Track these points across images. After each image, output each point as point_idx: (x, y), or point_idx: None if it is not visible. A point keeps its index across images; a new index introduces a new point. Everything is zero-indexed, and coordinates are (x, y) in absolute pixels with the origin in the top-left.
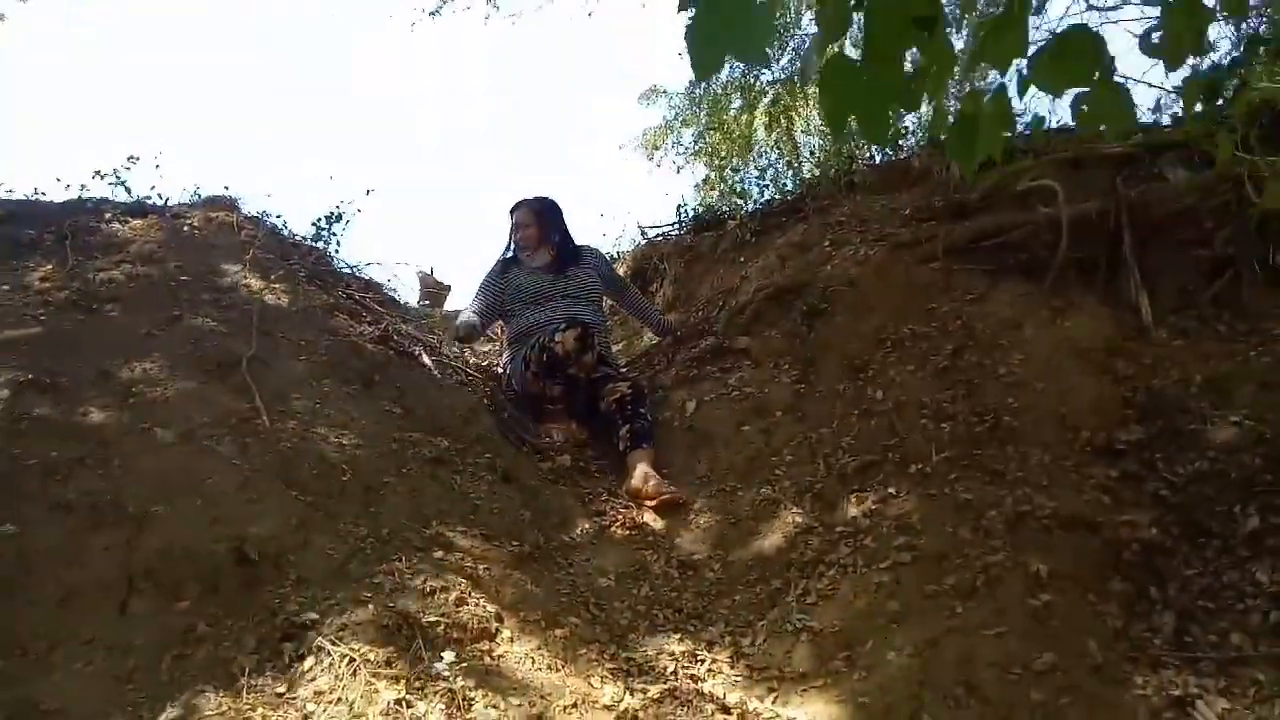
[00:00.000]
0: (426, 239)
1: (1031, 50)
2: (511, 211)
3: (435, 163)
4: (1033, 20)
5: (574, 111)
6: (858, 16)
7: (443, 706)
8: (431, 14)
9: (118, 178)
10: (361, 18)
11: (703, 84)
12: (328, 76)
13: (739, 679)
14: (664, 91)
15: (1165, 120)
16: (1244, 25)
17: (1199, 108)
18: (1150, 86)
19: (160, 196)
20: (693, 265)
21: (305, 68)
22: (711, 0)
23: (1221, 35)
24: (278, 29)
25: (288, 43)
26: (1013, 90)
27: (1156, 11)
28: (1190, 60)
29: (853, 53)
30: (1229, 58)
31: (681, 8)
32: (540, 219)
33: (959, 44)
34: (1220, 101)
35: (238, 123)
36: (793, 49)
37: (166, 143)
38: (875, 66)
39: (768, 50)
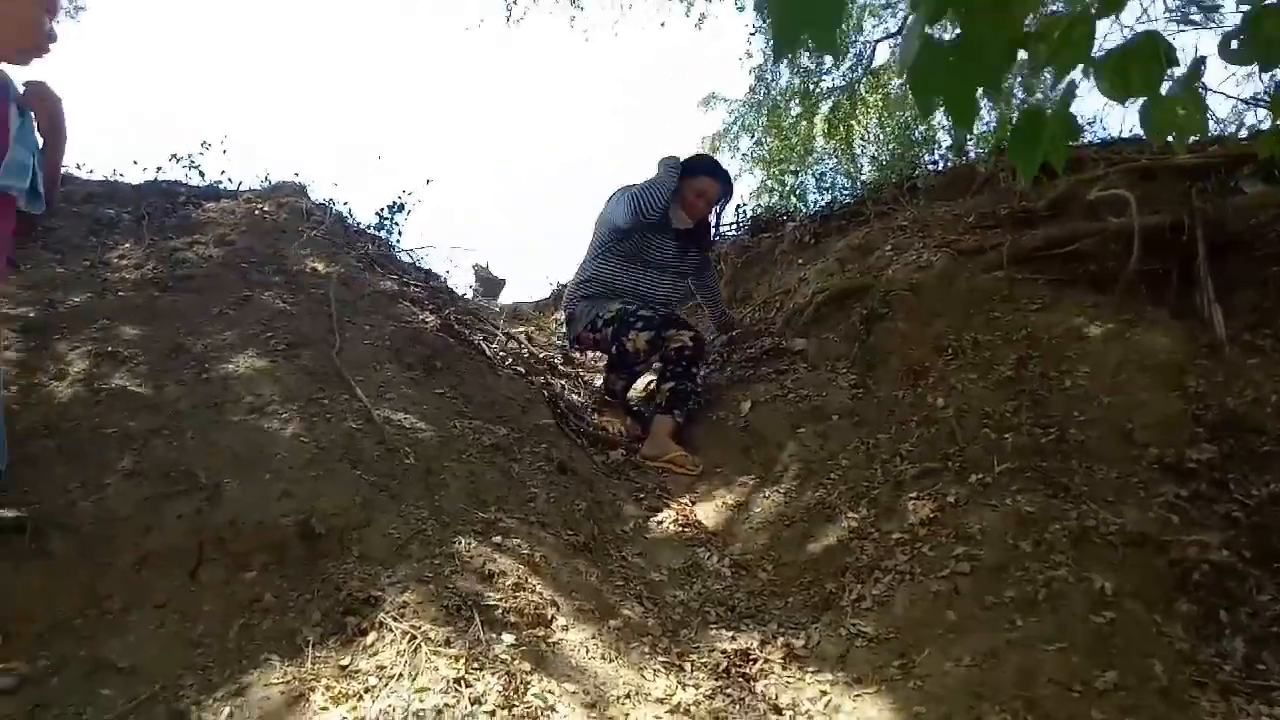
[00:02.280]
0: (479, 230)
1: (1099, 55)
2: (696, 167)
3: (496, 160)
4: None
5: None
6: None
7: (500, 687)
8: (510, 19)
9: (192, 162)
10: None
11: (763, 88)
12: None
13: (791, 680)
14: (723, 98)
15: (1242, 132)
16: None
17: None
18: (1227, 97)
19: (231, 180)
20: (750, 265)
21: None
22: None
23: None
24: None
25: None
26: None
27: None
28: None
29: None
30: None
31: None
32: (723, 198)
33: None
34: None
35: (305, 108)
36: (854, 55)
37: (234, 126)
38: (964, 50)
39: (835, 37)
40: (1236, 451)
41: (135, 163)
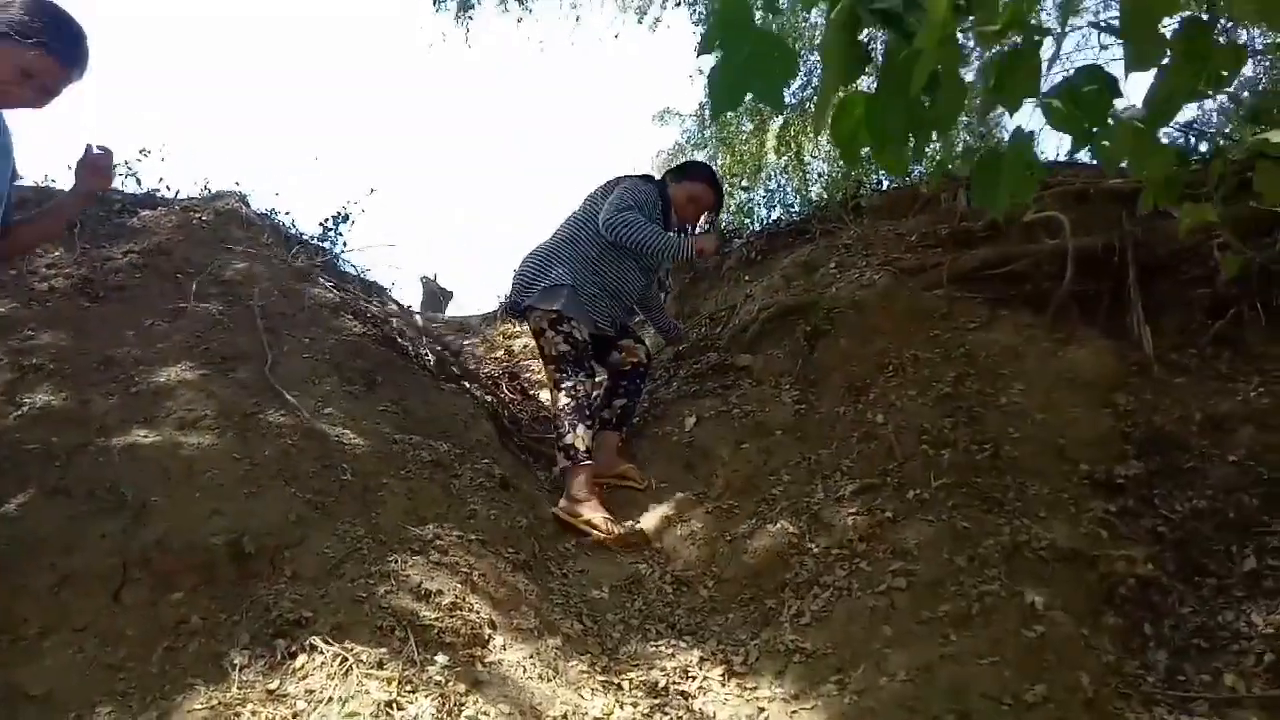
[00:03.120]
0: (427, 238)
1: (1045, 89)
2: (693, 173)
3: (446, 170)
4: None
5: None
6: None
7: (433, 710)
8: (458, 19)
9: (129, 168)
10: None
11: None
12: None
13: (730, 697)
14: (677, 113)
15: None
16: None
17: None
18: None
19: (169, 189)
20: (697, 281)
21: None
22: (734, 45)
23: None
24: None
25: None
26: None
27: None
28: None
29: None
30: (1201, 126)
31: (702, 51)
32: (715, 209)
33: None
34: (1195, 160)
35: (246, 117)
36: (804, 74)
37: (173, 135)
38: (884, 108)
39: (783, 95)
40: (1162, 468)
41: (69, 168)
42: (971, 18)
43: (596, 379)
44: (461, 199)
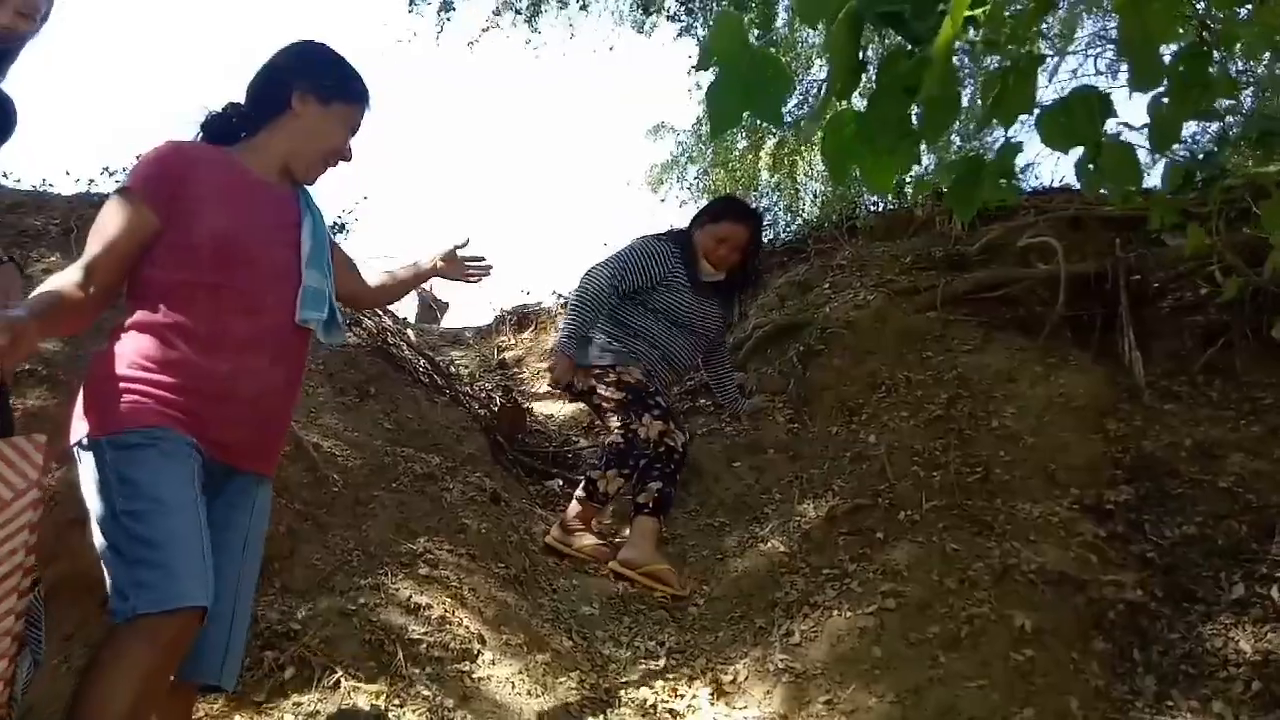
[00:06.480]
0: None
1: (1040, 107)
2: (724, 211)
3: (438, 174)
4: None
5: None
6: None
7: None
8: (470, 44)
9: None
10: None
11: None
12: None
13: (718, 716)
14: (671, 128)
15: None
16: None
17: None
18: (1150, 152)
19: None
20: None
21: None
22: (730, 64)
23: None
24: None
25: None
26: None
27: None
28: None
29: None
30: (1203, 151)
31: (699, 67)
32: (753, 244)
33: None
34: (1198, 185)
35: None
36: (800, 93)
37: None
38: (878, 118)
39: (782, 111)
40: (1152, 494)
41: (68, 173)
42: (975, 32)
43: (669, 425)
44: (476, 207)
